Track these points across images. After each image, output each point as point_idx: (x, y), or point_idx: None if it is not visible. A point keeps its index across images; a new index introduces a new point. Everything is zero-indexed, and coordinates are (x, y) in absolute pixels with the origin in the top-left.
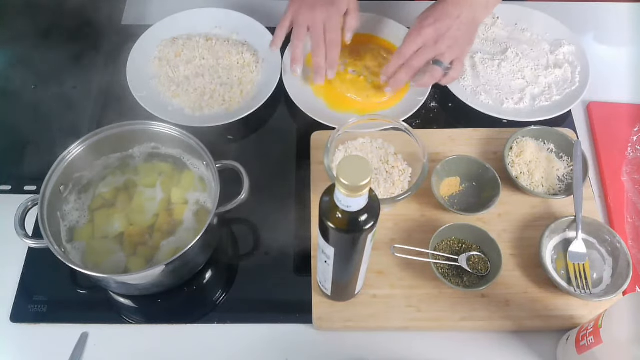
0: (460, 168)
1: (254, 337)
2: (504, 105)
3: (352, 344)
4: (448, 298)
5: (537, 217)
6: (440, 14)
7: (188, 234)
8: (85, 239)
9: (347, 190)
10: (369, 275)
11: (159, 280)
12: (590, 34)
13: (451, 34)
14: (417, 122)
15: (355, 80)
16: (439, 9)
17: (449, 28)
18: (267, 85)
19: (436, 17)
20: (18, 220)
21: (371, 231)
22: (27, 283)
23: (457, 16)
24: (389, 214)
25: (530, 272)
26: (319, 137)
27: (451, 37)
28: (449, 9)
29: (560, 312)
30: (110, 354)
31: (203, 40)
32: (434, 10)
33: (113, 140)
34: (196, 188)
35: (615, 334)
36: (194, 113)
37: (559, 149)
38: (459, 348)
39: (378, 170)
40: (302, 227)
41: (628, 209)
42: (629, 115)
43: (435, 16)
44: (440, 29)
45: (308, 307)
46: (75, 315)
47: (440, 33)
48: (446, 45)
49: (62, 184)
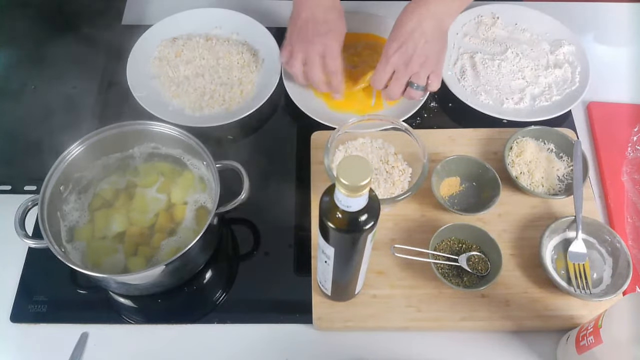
0: (460, 168)
1: (254, 337)
2: (504, 105)
3: (352, 344)
4: (448, 298)
5: (537, 217)
6: (403, 35)
7: (188, 234)
8: (85, 239)
9: (347, 190)
10: (369, 275)
11: (159, 280)
12: (590, 34)
13: (419, 52)
14: (417, 122)
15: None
16: (400, 29)
17: (415, 47)
18: (267, 85)
19: (400, 41)
20: (18, 220)
21: (371, 231)
22: (27, 283)
23: (421, 32)
24: (389, 214)
25: (530, 272)
26: (319, 137)
27: (420, 55)
28: (409, 26)
29: (560, 312)
30: (110, 354)
31: (203, 40)
32: (397, 33)
33: (113, 140)
34: (196, 188)
35: (615, 334)
36: (194, 113)
37: (559, 149)
38: (459, 348)
39: (378, 170)
40: (302, 227)
41: (628, 209)
42: (629, 115)
43: (399, 39)
44: (407, 52)
45: (308, 307)
46: (75, 315)
47: (408, 55)
48: (417, 64)
49: (62, 184)
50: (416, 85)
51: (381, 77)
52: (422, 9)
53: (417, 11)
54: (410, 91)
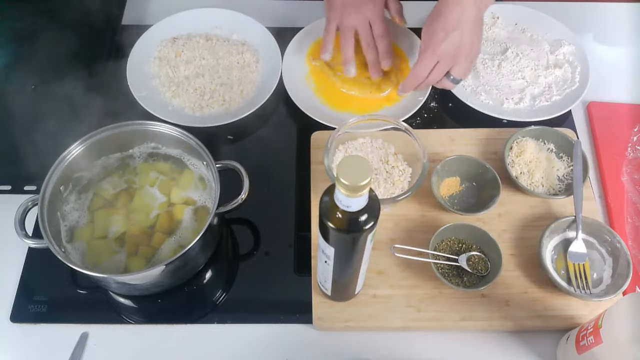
0: (460, 168)
1: (254, 337)
2: (504, 105)
3: (352, 344)
4: (448, 298)
5: (537, 217)
6: (450, 24)
7: (188, 234)
8: (85, 239)
9: (347, 190)
10: (369, 275)
11: (159, 280)
12: (590, 34)
13: (464, 41)
14: (417, 122)
15: (356, 78)
16: (446, 18)
17: (462, 37)
18: (267, 85)
19: (446, 30)
20: (18, 220)
21: (371, 231)
22: (27, 283)
23: (466, 21)
24: (389, 214)
25: (530, 272)
26: (319, 137)
27: (466, 45)
28: (454, 14)
29: (560, 312)
30: (110, 354)
31: (203, 40)
32: (442, 21)
33: (113, 140)
34: (196, 188)
35: (615, 334)
36: (194, 113)
37: (559, 149)
38: (459, 348)
39: (378, 170)
40: (302, 227)
41: (628, 209)
42: (629, 115)
43: (446, 28)
44: (454, 42)
45: (308, 307)
46: (75, 315)
47: (455, 46)
48: (463, 55)
49: (62, 184)
50: (452, 77)
51: (425, 67)
52: None
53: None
54: (445, 82)
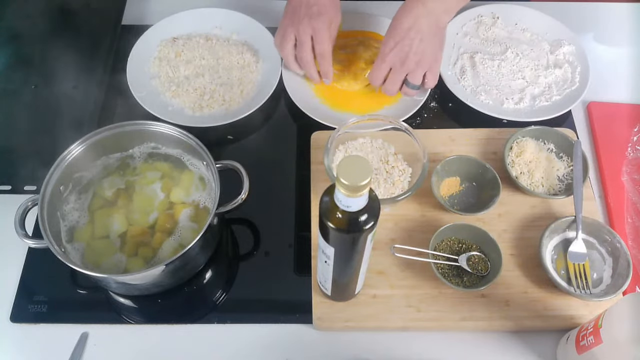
0: (460, 168)
1: (254, 337)
2: (504, 105)
3: (352, 344)
4: (448, 298)
5: (537, 217)
6: (399, 34)
7: (188, 234)
8: (85, 239)
9: (347, 190)
10: (369, 275)
11: (159, 280)
12: (590, 34)
13: (415, 50)
14: (417, 122)
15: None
16: (397, 27)
17: (411, 45)
18: (267, 85)
19: (396, 39)
20: (18, 220)
21: (371, 231)
22: (27, 283)
23: (417, 30)
24: (389, 214)
25: (530, 272)
26: (319, 137)
27: (416, 53)
28: (405, 24)
29: (560, 312)
30: (110, 354)
31: (203, 40)
32: (393, 31)
33: (113, 140)
34: (196, 188)
35: (615, 334)
36: (194, 113)
37: (559, 149)
38: (459, 348)
39: (378, 170)
40: (302, 227)
41: (628, 209)
42: (629, 115)
43: (395, 38)
44: (403, 50)
45: (308, 307)
46: (75, 315)
47: (404, 54)
48: (413, 62)
49: (62, 184)
50: (412, 84)
51: (378, 75)
52: (418, 6)
53: (413, 9)
54: (405, 89)
